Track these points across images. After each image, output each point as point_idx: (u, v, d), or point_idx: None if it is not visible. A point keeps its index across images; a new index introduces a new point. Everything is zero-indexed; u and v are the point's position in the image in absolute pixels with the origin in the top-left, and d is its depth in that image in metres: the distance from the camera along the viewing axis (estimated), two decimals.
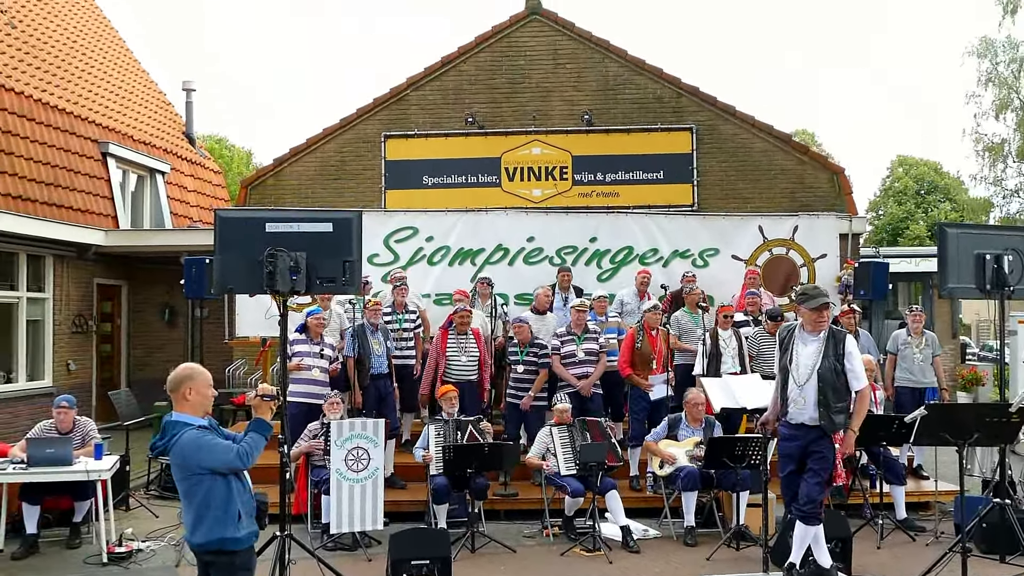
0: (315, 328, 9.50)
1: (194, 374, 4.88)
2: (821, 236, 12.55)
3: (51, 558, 8.10)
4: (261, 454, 4.90)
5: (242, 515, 4.84)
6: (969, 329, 35.10)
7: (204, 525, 4.77)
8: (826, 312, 6.26)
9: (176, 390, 4.82)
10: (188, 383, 4.83)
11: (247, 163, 42.05)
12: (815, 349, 6.03)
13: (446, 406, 9.01)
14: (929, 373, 10.41)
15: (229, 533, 4.79)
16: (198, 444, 4.70)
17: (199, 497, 4.77)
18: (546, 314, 10.67)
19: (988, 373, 18.40)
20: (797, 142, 15.63)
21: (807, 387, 6.02)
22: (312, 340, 9.47)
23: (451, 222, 12.51)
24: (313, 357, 9.40)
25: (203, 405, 4.89)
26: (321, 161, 15.21)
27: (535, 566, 7.79)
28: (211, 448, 4.71)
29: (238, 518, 4.81)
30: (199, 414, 4.87)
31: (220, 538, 4.78)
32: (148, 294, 16.87)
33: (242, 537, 4.85)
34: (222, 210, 6.85)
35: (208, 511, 4.76)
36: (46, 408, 11.26)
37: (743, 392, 8.67)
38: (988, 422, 6.01)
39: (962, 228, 7.91)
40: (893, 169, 42.64)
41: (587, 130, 14.92)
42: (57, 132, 15.46)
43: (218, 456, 4.71)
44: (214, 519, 4.74)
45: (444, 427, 8.82)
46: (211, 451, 4.71)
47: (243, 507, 4.88)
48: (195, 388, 4.84)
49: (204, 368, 5.00)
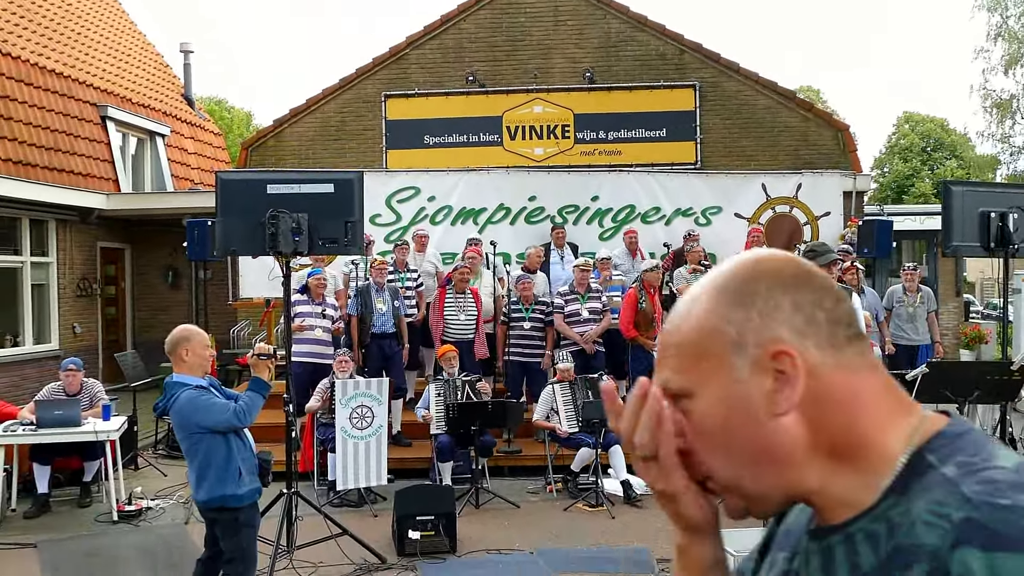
0: (316, 289, 9.53)
1: (190, 335, 4.97)
2: (825, 194, 12.50)
3: (63, 517, 8.22)
4: (260, 412, 5.01)
5: (243, 472, 4.94)
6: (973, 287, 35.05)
7: (206, 483, 4.88)
8: (834, 268, 6.26)
9: (173, 351, 4.93)
10: (184, 344, 4.93)
11: (247, 125, 41.88)
12: None
13: (446, 366, 9.06)
14: (923, 330, 10.44)
15: (230, 490, 4.89)
16: (195, 404, 4.81)
17: (200, 456, 4.89)
18: (536, 273, 10.67)
19: (991, 331, 18.42)
20: (801, 99, 15.53)
21: None
22: (314, 300, 9.51)
23: (453, 182, 12.48)
24: (315, 317, 9.44)
25: (201, 366, 4.99)
26: (321, 122, 15.14)
27: (538, 521, 7.88)
28: (208, 408, 4.82)
29: (239, 475, 4.91)
30: (198, 374, 4.98)
31: (221, 495, 4.89)
32: (151, 257, 16.90)
33: (243, 494, 4.95)
34: (223, 172, 6.88)
35: (209, 469, 4.87)
36: (53, 371, 11.36)
37: None
38: (989, 380, 6.03)
39: (967, 186, 7.91)
40: (899, 126, 42.33)
41: (589, 88, 14.82)
42: (55, 96, 15.40)
43: (215, 415, 4.82)
44: (215, 477, 4.86)
45: (444, 386, 8.88)
46: (208, 411, 4.82)
47: (243, 464, 4.97)
48: (191, 349, 4.94)
49: (201, 329, 5.09)
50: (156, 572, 6.61)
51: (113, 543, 7.39)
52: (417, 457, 9.44)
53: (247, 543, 5.06)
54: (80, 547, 7.27)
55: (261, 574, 6.06)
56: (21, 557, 7.02)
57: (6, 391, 12.11)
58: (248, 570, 5.07)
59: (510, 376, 9.90)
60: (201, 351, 4.98)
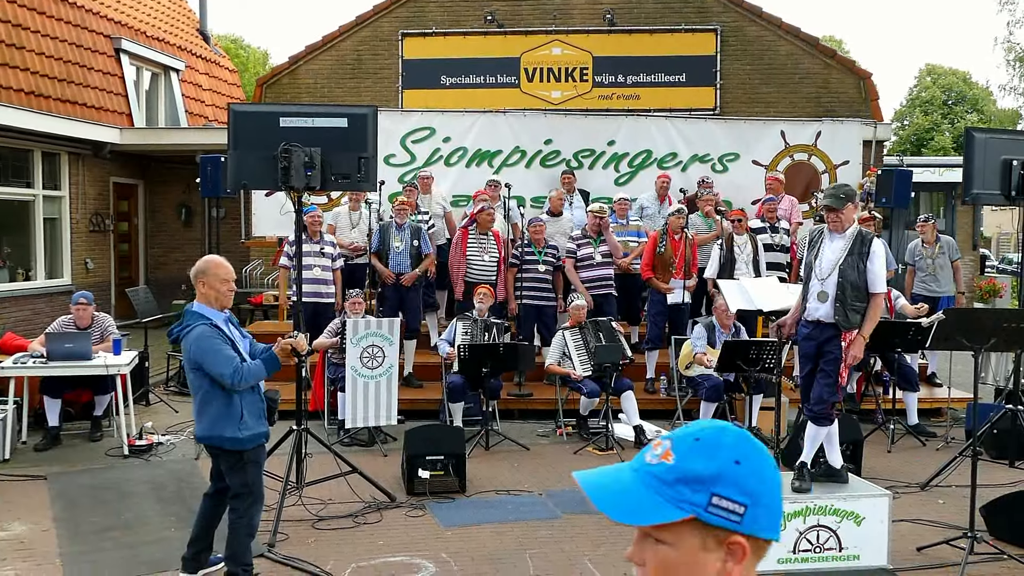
0: (312, 226, 9.43)
1: (208, 268, 4.90)
2: (844, 142, 12.33)
3: (73, 450, 8.26)
4: (259, 380, 4.95)
5: (245, 415, 4.86)
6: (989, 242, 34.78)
7: (204, 419, 4.85)
8: (831, 215, 6.10)
9: (193, 280, 4.90)
10: (201, 276, 4.89)
11: (263, 64, 41.45)
12: (841, 246, 5.95)
13: (480, 302, 8.95)
14: (944, 282, 10.30)
15: (229, 432, 4.83)
16: (202, 345, 4.74)
17: (202, 392, 4.84)
18: (561, 215, 10.61)
19: (1007, 285, 18.30)
20: (824, 45, 15.20)
21: (827, 282, 5.95)
22: (311, 239, 9.40)
23: (468, 123, 12.34)
24: (314, 256, 9.36)
25: (217, 299, 4.90)
26: (337, 59, 14.95)
27: (548, 463, 7.89)
28: (215, 354, 4.74)
29: (240, 417, 4.83)
30: (216, 307, 4.91)
31: (220, 436, 4.84)
32: (165, 193, 16.85)
33: (244, 438, 4.87)
34: (236, 105, 6.77)
35: (209, 407, 4.83)
36: (65, 306, 11.35)
37: (759, 294, 8.62)
38: (1006, 327, 5.94)
39: (990, 133, 7.76)
40: (921, 78, 41.67)
41: (609, 30, 14.56)
42: (69, 27, 15.21)
43: (216, 365, 4.74)
44: (215, 415, 4.80)
45: (473, 327, 8.83)
46: (214, 357, 4.74)
47: (248, 407, 4.89)
48: (207, 282, 4.87)
49: (226, 262, 4.98)
50: (166, 506, 6.65)
51: (123, 477, 7.43)
52: (428, 399, 9.44)
53: (252, 479, 5.02)
54: (90, 480, 7.31)
55: (270, 509, 6.10)
56: (31, 488, 7.07)
57: (18, 325, 12.15)
58: (254, 505, 5.05)
59: (522, 319, 9.85)
60: (217, 285, 4.88)
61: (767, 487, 1.32)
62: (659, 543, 1.32)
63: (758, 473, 1.32)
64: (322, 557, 5.59)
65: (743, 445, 1.33)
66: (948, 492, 6.97)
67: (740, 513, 1.29)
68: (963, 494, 6.17)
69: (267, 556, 5.58)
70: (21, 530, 6.14)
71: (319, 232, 9.54)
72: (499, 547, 5.86)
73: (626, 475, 1.35)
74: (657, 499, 1.31)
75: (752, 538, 1.31)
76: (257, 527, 5.16)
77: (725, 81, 14.55)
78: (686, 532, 1.30)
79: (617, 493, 1.33)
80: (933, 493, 7.04)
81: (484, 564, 5.57)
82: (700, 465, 1.31)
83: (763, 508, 1.31)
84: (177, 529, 6.07)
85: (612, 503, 1.32)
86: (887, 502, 5.61)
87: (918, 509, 6.62)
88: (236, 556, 4.99)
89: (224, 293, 4.93)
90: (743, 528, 1.30)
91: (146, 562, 5.57)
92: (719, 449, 1.32)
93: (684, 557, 1.31)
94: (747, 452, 1.33)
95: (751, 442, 1.34)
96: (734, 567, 1.31)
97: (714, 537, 1.30)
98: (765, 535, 1.32)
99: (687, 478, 1.30)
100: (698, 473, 1.30)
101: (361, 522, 6.29)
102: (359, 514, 6.42)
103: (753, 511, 1.30)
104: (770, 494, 1.33)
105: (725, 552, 1.30)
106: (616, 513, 1.31)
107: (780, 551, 5.47)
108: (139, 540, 5.98)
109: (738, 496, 1.30)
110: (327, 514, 6.41)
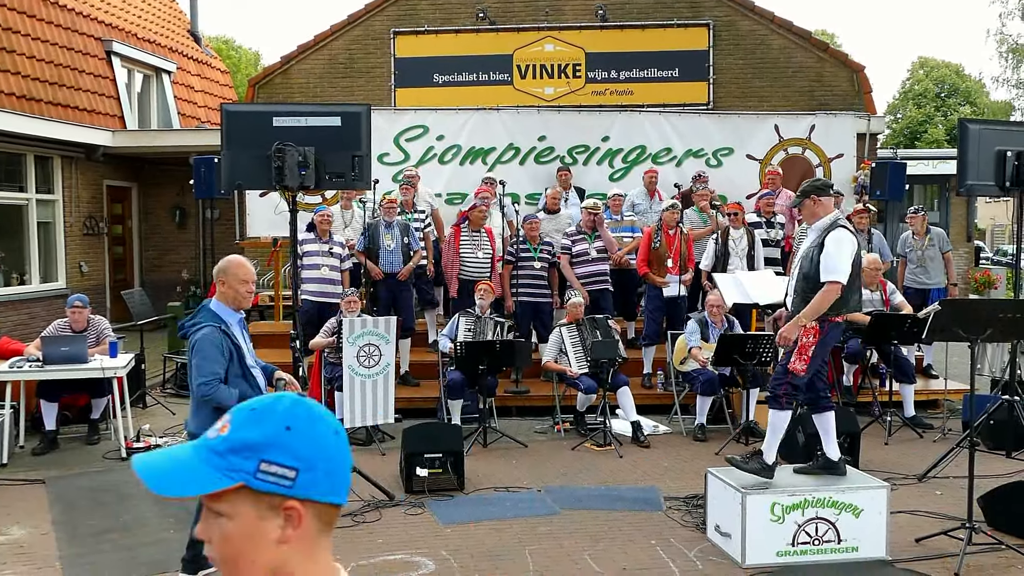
0: (322, 225, 9.44)
1: (229, 267, 4.91)
2: (838, 135, 12.34)
3: (71, 453, 8.25)
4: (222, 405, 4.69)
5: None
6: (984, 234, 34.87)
7: (200, 417, 4.80)
8: (799, 211, 6.28)
9: (215, 278, 4.93)
10: (221, 275, 4.91)
11: (255, 64, 41.43)
12: (812, 239, 6.04)
13: (481, 298, 8.94)
14: (935, 273, 10.33)
15: None
16: (203, 347, 4.74)
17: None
18: (559, 212, 10.65)
19: (1001, 277, 18.35)
20: (817, 39, 15.24)
21: (793, 272, 6.10)
22: (320, 238, 9.43)
23: (462, 120, 12.32)
24: (322, 255, 9.37)
25: (235, 300, 4.93)
26: (329, 59, 14.94)
27: (546, 460, 7.89)
28: (205, 360, 4.72)
29: None
30: (233, 307, 4.93)
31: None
32: (158, 196, 16.81)
33: None
34: (229, 105, 6.75)
35: (205, 405, 4.79)
36: (60, 309, 11.33)
37: (754, 288, 8.64)
38: (1002, 317, 5.95)
39: (984, 124, 7.77)
40: (914, 71, 41.73)
41: (601, 26, 14.56)
42: (59, 30, 15.17)
43: (198, 368, 4.72)
44: (210, 413, 4.71)
45: (477, 323, 8.82)
46: (202, 361, 4.72)
47: None
48: (227, 281, 4.90)
49: (248, 263, 4.99)
50: (164, 508, 6.63)
51: (121, 479, 7.40)
52: (425, 397, 9.45)
53: None
54: (88, 483, 7.30)
55: None
56: (29, 493, 7.05)
57: (14, 329, 12.11)
58: None
59: (519, 316, 9.85)
60: (237, 285, 4.88)
61: (323, 452, 1.32)
62: (219, 516, 1.32)
63: (311, 438, 1.32)
64: None
65: (296, 411, 1.33)
66: (946, 483, 6.98)
67: (291, 478, 1.30)
68: (960, 485, 6.18)
69: None
70: (20, 534, 6.12)
71: (328, 232, 9.53)
72: (498, 544, 5.86)
73: (186, 452, 1.35)
74: (207, 470, 1.30)
75: (310, 502, 1.31)
76: None
77: (718, 76, 14.58)
78: (240, 501, 1.30)
79: (169, 470, 1.33)
80: (931, 484, 7.05)
81: (484, 561, 5.57)
82: (251, 433, 1.31)
83: (320, 473, 1.31)
84: (176, 531, 6.06)
85: (160, 478, 1.32)
86: (885, 494, 5.62)
87: (916, 501, 6.63)
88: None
89: (243, 294, 4.93)
90: (296, 492, 1.30)
91: (145, 563, 5.56)
92: (270, 416, 1.32)
93: (243, 527, 1.31)
94: (299, 417, 1.33)
95: (307, 408, 1.35)
96: (291, 532, 1.30)
97: (268, 504, 1.30)
98: (327, 499, 1.33)
99: (238, 447, 1.31)
100: (248, 441, 1.30)
101: (360, 521, 6.29)
102: (358, 513, 6.41)
103: (306, 475, 1.30)
104: (327, 459, 1.33)
105: (283, 519, 1.30)
106: (161, 486, 1.31)
107: (779, 544, 5.49)
108: (138, 542, 5.97)
109: (289, 461, 1.30)
110: None
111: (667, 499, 6.71)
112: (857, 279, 5.96)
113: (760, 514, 5.46)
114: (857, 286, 5.98)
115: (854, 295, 5.94)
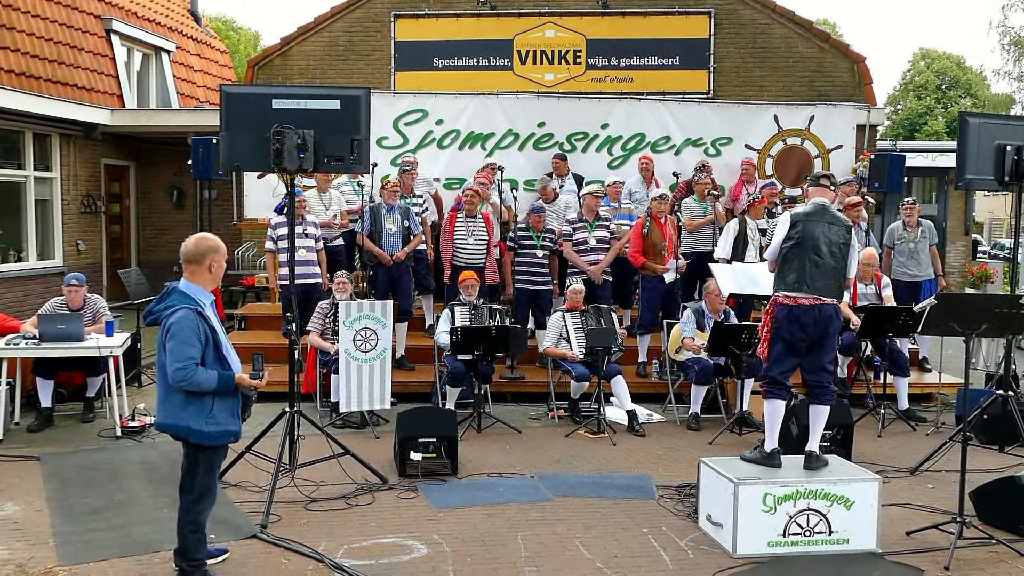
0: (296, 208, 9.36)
1: (219, 247, 4.71)
2: (838, 127, 12.33)
3: (66, 431, 8.26)
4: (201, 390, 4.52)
5: (215, 409, 4.57)
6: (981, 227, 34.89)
7: (170, 406, 4.58)
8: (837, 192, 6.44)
9: (200, 261, 4.64)
10: (213, 256, 4.66)
11: (255, 45, 41.26)
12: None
13: (465, 293, 8.96)
14: (925, 265, 10.34)
15: (196, 424, 4.53)
16: (178, 332, 4.45)
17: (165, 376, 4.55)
18: (556, 200, 10.66)
19: (998, 270, 18.35)
20: (818, 29, 15.18)
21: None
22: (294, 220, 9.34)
23: (462, 105, 12.28)
24: (297, 237, 9.31)
25: (214, 280, 4.75)
26: (329, 41, 14.88)
27: (540, 446, 7.91)
28: (182, 344, 4.44)
29: (210, 411, 4.56)
30: (210, 289, 4.73)
31: (186, 427, 4.54)
32: (156, 175, 16.76)
33: (212, 433, 4.59)
34: (228, 86, 6.71)
35: (175, 393, 4.54)
36: (57, 287, 11.30)
37: (751, 279, 8.65)
38: (998, 312, 5.96)
39: (984, 118, 7.69)
40: (915, 63, 41.68)
41: (602, 12, 14.52)
42: (59, 7, 15.09)
43: (174, 352, 4.44)
44: (180, 402, 4.53)
45: (472, 312, 8.82)
46: (178, 346, 4.44)
47: (219, 401, 4.60)
48: (218, 261, 4.69)
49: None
50: (158, 487, 6.64)
51: (116, 457, 7.43)
52: (420, 381, 9.46)
53: (203, 480, 4.72)
54: (83, 461, 7.31)
55: (261, 491, 6.13)
56: (24, 469, 7.06)
57: (10, 306, 12.10)
58: (201, 502, 4.75)
59: (518, 303, 9.86)
60: (223, 264, 4.73)
61: None
62: None
63: None
64: (314, 538, 5.60)
65: None
66: (938, 477, 7.01)
67: None
68: (953, 479, 6.22)
69: (259, 537, 5.59)
70: (14, 510, 6.14)
71: (301, 214, 9.50)
72: (491, 529, 5.89)
73: None
74: None
75: None
76: (204, 524, 4.83)
77: (718, 64, 14.55)
78: None
79: None
80: (923, 478, 7.08)
81: (475, 545, 5.59)
82: None
83: None
84: (170, 510, 6.04)
85: None
86: (877, 486, 5.64)
87: (908, 493, 6.66)
88: (183, 550, 4.78)
89: (221, 275, 4.86)
90: None
91: (139, 542, 5.57)
92: None
93: None
94: None
95: None
96: None
97: None
98: None
99: None
100: None
101: (353, 504, 6.31)
102: (351, 496, 6.43)
103: None
104: None
105: None
106: None
107: (770, 534, 5.51)
108: (132, 520, 5.99)
109: None
110: (319, 496, 6.42)
111: (660, 488, 6.73)
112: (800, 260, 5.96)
113: (752, 504, 5.49)
114: (797, 266, 5.97)
115: (791, 275, 5.97)
